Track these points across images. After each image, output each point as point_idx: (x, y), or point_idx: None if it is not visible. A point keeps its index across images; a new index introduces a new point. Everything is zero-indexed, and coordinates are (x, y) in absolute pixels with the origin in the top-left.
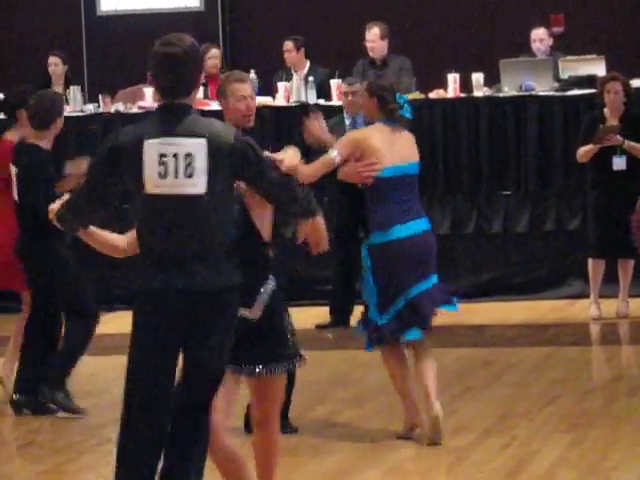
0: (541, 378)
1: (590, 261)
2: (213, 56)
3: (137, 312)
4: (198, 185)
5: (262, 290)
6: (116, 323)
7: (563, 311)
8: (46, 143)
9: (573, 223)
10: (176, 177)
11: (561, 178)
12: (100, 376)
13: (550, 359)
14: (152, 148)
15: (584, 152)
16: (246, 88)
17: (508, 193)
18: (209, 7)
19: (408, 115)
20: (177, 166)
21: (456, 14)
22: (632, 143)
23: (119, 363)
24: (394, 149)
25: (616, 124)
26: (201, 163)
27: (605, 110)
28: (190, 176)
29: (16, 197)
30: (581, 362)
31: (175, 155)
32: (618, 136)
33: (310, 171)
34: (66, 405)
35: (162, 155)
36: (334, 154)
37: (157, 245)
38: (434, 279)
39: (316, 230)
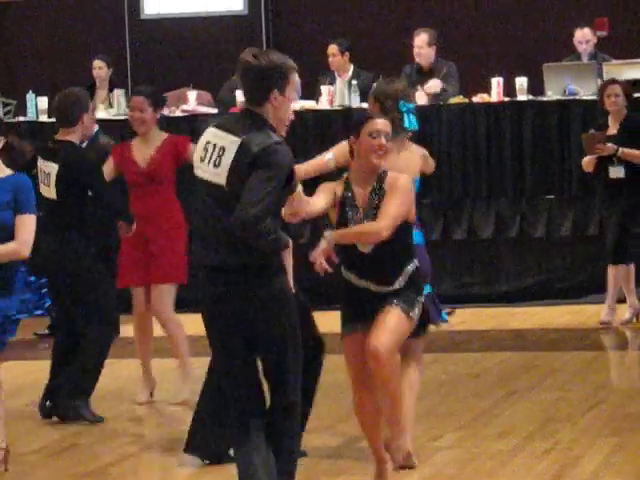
0: (584, 382)
1: (609, 267)
2: None
3: None
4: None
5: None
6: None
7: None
8: (75, 140)
9: None
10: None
11: (604, 183)
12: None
13: (593, 363)
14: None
15: (585, 163)
16: None
17: (551, 197)
18: (253, 11)
19: (410, 126)
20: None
21: (500, 19)
22: (627, 150)
23: (162, 366)
24: (390, 164)
25: (598, 132)
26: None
27: (610, 117)
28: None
29: (55, 195)
30: (624, 366)
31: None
32: (610, 144)
33: (303, 171)
34: (86, 415)
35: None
36: (329, 157)
37: None
38: None
39: None
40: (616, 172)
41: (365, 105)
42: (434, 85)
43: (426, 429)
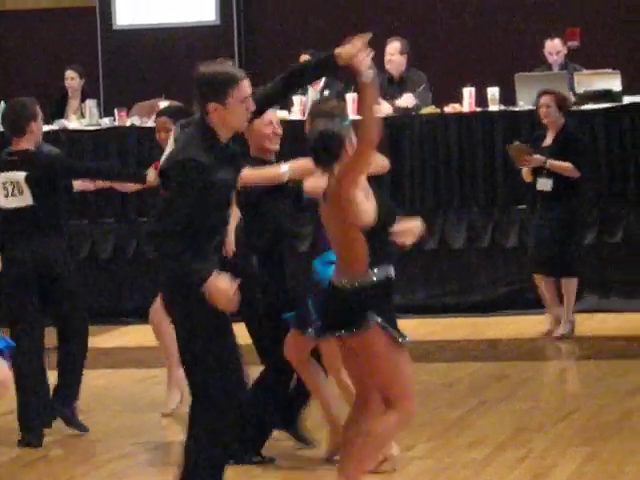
0: (556, 392)
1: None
2: None
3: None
4: None
5: None
6: (130, 337)
7: (578, 325)
8: (31, 147)
9: (588, 238)
10: None
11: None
12: (115, 389)
13: (565, 373)
14: None
15: (525, 173)
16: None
17: (523, 207)
18: (225, 21)
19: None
20: None
21: (471, 29)
22: (555, 162)
23: (136, 376)
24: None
25: (523, 144)
26: None
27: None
28: None
29: (30, 201)
30: (595, 376)
31: None
32: (537, 156)
33: (250, 177)
34: (75, 423)
35: None
36: (284, 169)
37: None
38: None
39: None
40: (543, 184)
41: None
42: (407, 100)
43: (399, 439)
